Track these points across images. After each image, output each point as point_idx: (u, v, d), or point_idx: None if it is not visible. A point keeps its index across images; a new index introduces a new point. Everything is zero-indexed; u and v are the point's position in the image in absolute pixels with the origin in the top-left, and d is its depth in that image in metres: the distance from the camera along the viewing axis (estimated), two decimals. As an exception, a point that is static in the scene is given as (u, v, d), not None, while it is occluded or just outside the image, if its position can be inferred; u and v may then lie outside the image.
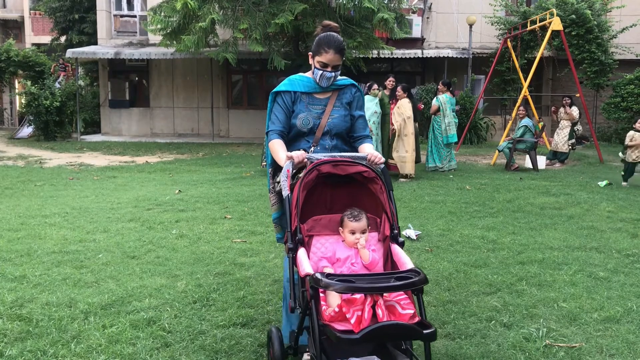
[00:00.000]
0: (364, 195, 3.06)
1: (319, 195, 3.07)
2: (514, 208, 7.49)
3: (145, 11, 19.10)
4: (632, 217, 6.96)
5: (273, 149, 3.22)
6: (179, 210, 7.38)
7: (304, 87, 3.33)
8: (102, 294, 4.22)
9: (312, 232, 2.97)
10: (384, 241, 2.97)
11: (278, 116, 3.29)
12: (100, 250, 5.42)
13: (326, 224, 2.99)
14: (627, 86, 17.07)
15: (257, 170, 11.70)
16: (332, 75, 3.26)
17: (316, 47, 3.24)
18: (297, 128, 3.28)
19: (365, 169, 2.94)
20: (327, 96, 3.34)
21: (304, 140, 3.30)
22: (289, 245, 2.79)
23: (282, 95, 3.32)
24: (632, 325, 3.70)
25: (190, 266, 4.95)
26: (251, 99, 21.50)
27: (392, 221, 2.94)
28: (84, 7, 22.48)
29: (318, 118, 3.29)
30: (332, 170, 2.91)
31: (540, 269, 4.88)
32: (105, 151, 16.14)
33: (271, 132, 3.29)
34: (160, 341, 3.44)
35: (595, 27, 17.21)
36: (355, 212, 2.88)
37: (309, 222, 2.96)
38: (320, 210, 3.06)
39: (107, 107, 21.35)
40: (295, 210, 2.83)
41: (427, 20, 20.20)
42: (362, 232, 2.85)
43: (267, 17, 15.06)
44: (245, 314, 3.87)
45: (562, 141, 12.74)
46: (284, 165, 2.95)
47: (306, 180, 2.87)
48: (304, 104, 3.31)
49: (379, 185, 2.96)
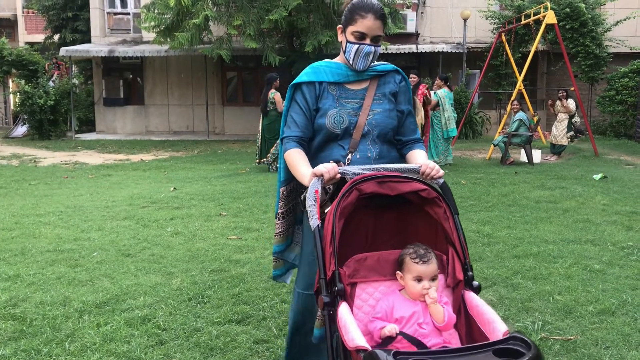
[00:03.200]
0: (420, 223, 2.29)
1: (358, 224, 2.29)
2: (509, 202, 7.49)
3: (139, 8, 19.07)
4: (627, 209, 6.97)
5: (291, 162, 2.49)
6: (173, 207, 7.36)
7: (332, 76, 2.58)
8: (96, 292, 4.20)
9: (356, 277, 2.18)
10: (455, 288, 2.20)
11: (295, 118, 2.57)
12: (95, 249, 5.40)
13: (374, 266, 2.21)
14: (621, 79, 17.10)
15: (252, 167, 11.68)
16: (372, 51, 2.52)
17: (349, 14, 2.51)
18: (327, 129, 2.52)
19: (424, 186, 2.19)
20: (363, 86, 2.60)
21: (337, 146, 2.54)
22: (325, 299, 2.01)
23: (303, 90, 2.57)
24: (627, 317, 3.70)
25: (185, 263, 4.94)
26: (246, 96, 21.47)
27: (463, 259, 2.18)
28: (77, 5, 22.40)
29: (354, 115, 2.53)
30: (378, 189, 2.16)
31: (535, 263, 4.88)
32: (100, 149, 16.09)
33: (287, 139, 2.55)
34: (155, 339, 3.43)
35: (590, 21, 17.23)
36: (422, 249, 2.13)
37: (349, 264, 2.18)
38: (359, 245, 2.28)
39: (101, 105, 21.29)
40: (332, 248, 2.04)
41: (422, 15, 20.18)
42: (431, 279, 2.10)
43: (260, 13, 15.03)
44: (241, 310, 3.86)
45: (560, 134, 12.75)
46: (310, 185, 2.21)
47: (344, 204, 2.11)
48: (334, 97, 2.56)
49: (442, 209, 2.19)
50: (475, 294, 2.12)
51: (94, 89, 21.70)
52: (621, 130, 17.37)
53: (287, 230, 2.84)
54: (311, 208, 2.16)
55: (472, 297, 2.11)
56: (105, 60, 20.53)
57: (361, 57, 2.51)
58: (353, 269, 2.17)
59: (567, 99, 12.75)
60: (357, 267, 2.18)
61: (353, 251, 2.22)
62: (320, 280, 2.04)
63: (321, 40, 14.92)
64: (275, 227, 2.83)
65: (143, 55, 19.31)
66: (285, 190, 2.74)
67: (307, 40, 15.19)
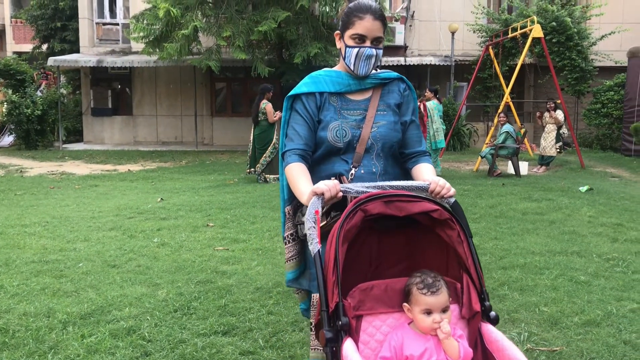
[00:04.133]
0: (431, 247, 2.09)
1: (361, 248, 2.07)
2: (496, 213, 7.53)
3: (128, 19, 19.02)
4: (613, 221, 7.02)
5: (291, 177, 2.30)
6: (160, 218, 7.33)
7: (333, 86, 2.43)
8: (81, 303, 4.16)
9: (362, 309, 1.95)
10: (471, 319, 1.99)
11: (298, 130, 2.39)
12: (81, 260, 5.35)
13: (381, 296, 1.97)
14: (607, 92, 17.30)
15: (241, 178, 11.66)
16: (374, 54, 2.36)
17: (346, 17, 2.38)
18: (329, 143, 2.37)
19: (435, 207, 1.99)
20: (366, 97, 2.45)
21: (339, 160, 2.39)
22: (328, 334, 1.79)
23: (303, 100, 2.42)
24: (612, 328, 3.72)
25: (171, 275, 4.90)
26: (235, 107, 21.48)
27: (479, 287, 2.00)
28: (65, 15, 22.36)
29: (357, 127, 2.39)
30: (385, 210, 1.96)
31: (522, 274, 4.90)
32: (88, 160, 16.00)
33: (288, 152, 2.36)
34: (139, 350, 3.40)
35: (576, 35, 17.44)
36: (430, 278, 1.91)
37: (354, 294, 1.94)
38: (362, 271, 2.08)
39: (89, 116, 21.20)
40: (334, 276, 1.83)
41: (410, 28, 20.33)
42: (442, 311, 1.89)
43: (250, 24, 15.07)
44: (227, 322, 3.83)
45: (549, 145, 12.85)
46: (309, 204, 1.99)
47: (347, 226, 1.92)
48: (335, 108, 2.42)
49: (455, 232, 1.99)
50: (493, 325, 1.96)
51: (82, 99, 21.61)
52: (607, 143, 17.54)
53: (300, 253, 2.55)
54: (311, 231, 1.93)
55: (490, 331, 1.94)
56: (94, 70, 20.47)
57: (362, 61, 2.36)
58: (358, 300, 1.94)
59: (556, 110, 12.87)
60: (363, 298, 1.95)
61: (356, 278, 2.02)
62: (322, 313, 1.84)
63: (310, 52, 14.99)
64: (286, 252, 2.56)
65: (132, 65, 19.28)
66: (292, 209, 2.52)
67: (296, 52, 15.25)
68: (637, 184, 10.59)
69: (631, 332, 3.65)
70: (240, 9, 15.63)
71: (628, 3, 19.85)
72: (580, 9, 18.02)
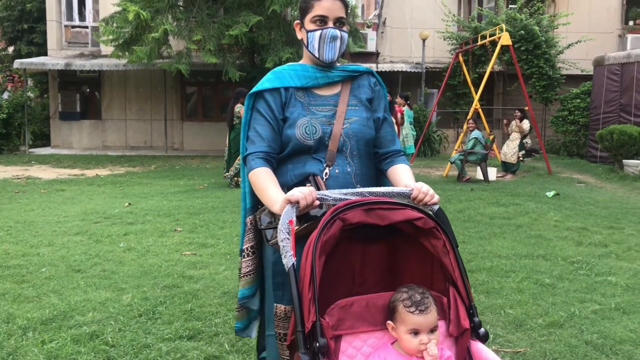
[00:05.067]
0: (414, 258, 1.96)
1: (342, 261, 1.92)
2: (464, 218, 7.60)
3: (97, 22, 18.80)
4: (578, 225, 7.15)
5: (257, 183, 2.09)
6: (127, 223, 7.22)
7: (299, 80, 2.24)
8: (43, 308, 4.07)
9: (341, 329, 1.79)
10: (460, 337, 1.85)
11: (260, 131, 2.18)
12: (44, 264, 5.24)
13: (361, 314, 1.82)
14: (573, 100, 17.65)
15: (211, 183, 11.57)
16: (338, 35, 2.19)
17: (303, 3, 2.24)
18: (298, 141, 2.16)
19: (419, 214, 1.86)
20: (335, 92, 2.27)
21: (310, 160, 2.18)
22: (304, 358, 1.63)
23: (266, 98, 2.21)
24: (575, 329, 3.78)
25: (137, 279, 4.83)
26: (206, 111, 21.34)
27: (467, 302, 1.86)
28: (33, 17, 21.96)
29: (328, 124, 2.19)
30: (366, 218, 1.81)
31: (488, 277, 4.95)
32: (55, 164, 15.71)
33: (251, 156, 2.15)
34: (102, 355, 3.33)
35: (543, 43, 17.76)
36: (417, 294, 1.75)
37: (333, 312, 1.79)
38: (344, 287, 1.92)
39: (57, 120, 20.83)
40: (311, 293, 1.67)
41: (382, 35, 20.48)
42: (431, 331, 1.74)
43: (221, 28, 15.02)
44: (192, 326, 3.78)
45: (510, 152, 13.03)
46: (283, 213, 1.82)
47: (325, 237, 1.76)
48: (302, 104, 2.22)
49: (440, 242, 1.87)
50: (482, 343, 1.83)
51: (49, 102, 21.23)
52: (574, 150, 17.87)
53: (258, 269, 2.33)
54: (284, 242, 1.76)
55: (481, 350, 1.79)
56: (62, 73, 20.13)
57: (327, 44, 2.18)
58: (337, 319, 1.78)
59: (522, 120, 13.07)
60: (342, 316, 1.79)
61: (336, 295, 1.84)
62: (297, 334, 1.66)
63: (282, 56, 14.98)
64: (242, 266, 2.32)
65: (101, 69, 19.03)
66: (254, 219, 2.28)
67: (267, 57, 15.23)
68: (602, 190, 10.82)
69: (593, 332, 3.71)
70: (212, 13, 15.57)
71: (593, 13, 20.33)
72: (547, 18, 18.37)
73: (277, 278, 2.21)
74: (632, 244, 6.18)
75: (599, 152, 15.00)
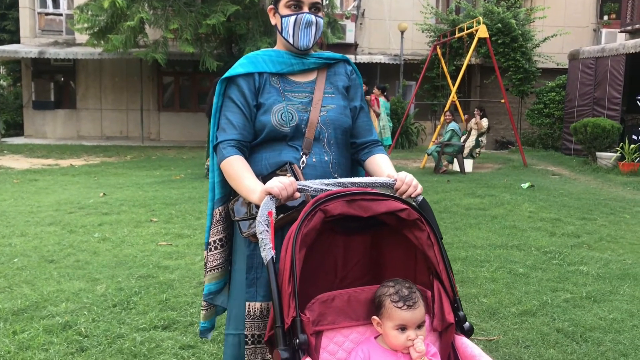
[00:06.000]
0: (398, 251, 1.91)
1: (323, 253, 1.88)
2: (440, 209, 7.66)
3: (72, 9, 18.47)
4: (551, 216, 7.25)
5: (232, 173, 2.01)
6: (102, 213, 7.14)
7: (273, 65, 2.16)
8: (14, 299, 4.01)
9: (322, 324, 1.73)
10: (444, 332, 1.81)
11: (231, 119, 2.09)
12: (16, 255, 5.16)
13: (343, 308, 1.76)
14: (549, 93, 17.84)
15: (188, 174, 11.49)
16: (314, 21, 2.13)
17: None
18: (273, 128, 2.08)
19: (403, 206, 1.80)
20: (311, 78, 2.20)
21: (286, 147, 2.10)
22: (283, 354, 1.58)
23: (239, 84, 2.12)
24: (547, 317, 3.84)
25: (111, 270, 4.78)
26: (183, 101, 21.14)
27: (452, 295, 1.83)
28: (5, 3, 21.55)
29: (304, 110, 2.12)
30: (348, 210, 1.76)
31: (463, 267, 5.00)
32: (28, 154, 15.45)
33: (222, 144, 2.07)
34: (75, 346, 3.29)
35: (520, 36, 17.91)
36: (404, 289, 1.70)
37: (313, 307, 1.73)
38: (324, 280, 1.88)
39: (30, 109, 20.45)
40: (291, 287, 1.62)
41: (360, 26, 20.46)
42: (418, 327, 1.69)
43: (198, 17, 14.87)
44: (167, 316, 3.76)
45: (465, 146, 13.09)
46: (262, 205, 1.76)
47: (306, 230, 1.70)
48: (277, 90, 2.14)
49: (424, 234, 1.82)
50: (466, 337, 1.78)
51: (22, 91, 20.85)
52: (549, 142, 18.09)
53: (226, 262, 2.25)
54: (263, 235, 1.71)
55: (465, 345, 1.74)
56: (35, 61, 19.77)
57: (302, 30, 2.11)
58: (318, 314, 1.71)
59: (482, 118, 13.06)
60: (323, 311, 1.72)
61: (317, 289, 1.78)
62: (276, 330, 1.61)
63: (260, 46, 14.86)
64: (209, 259, 2.24)
65: (76, 57, 18.72)
66: (223, 210, 2.19)
67: (245, 47, 15.12)
68: (575, 182, 10.98)
69: (564, 320, 3.78)
70: (189, 2, 15.41)
71: (569, 7, 20.55)
72: (524, 12, 18.52)
73: (251, 273, 2.12)
74: (603, 235, 6.29)
75: (573, 145, 15.20)
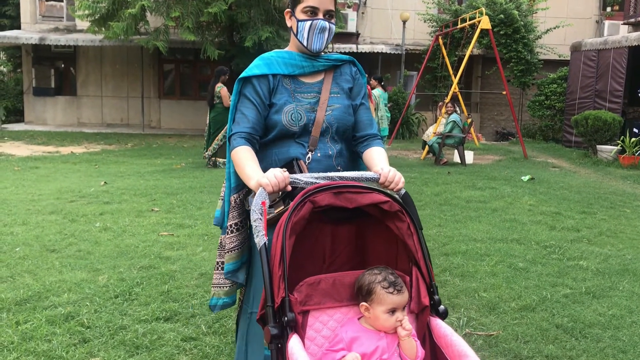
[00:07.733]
0: (380, 240, 2.08)
1: (314, 242, 2.06)
2: (441, 201, 7.67)
3: (73, -4, 18.38)
4: (552, 210, 7.26)
5: (238, 161, 2.22)
6: (103, 202, 7.15)
7: (286, 68, 2.37)
8: (17, 289, 4.03)
9: (308, 304, 1.90)
10: (420, 314, 1.97)
11: (246, 112, 2.31)
12: (18, 244, 5.18)
13: (328, 291, 1.93)
14: (550, 85, 17.81)
15: (189, 163, 11.49)
16: (327, 27, 2.33)
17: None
18: (283, 127, 2.30)
19: (385, 198, 1.96)
20: (318, 79, 2.41)
21: (294, 144, 2.33)
22: (273, 331, 1.75)
23: (254, 83, 2.33)
24: (546, 313, 3.86)
25: (113, 260, 4.80)
26: (184, 89, 21.10)
27: (429, 281, 1.98)
28: (6, -11, 21.45)
29: (312, 110, 2.34)
30: (334, 201, 1.93)
31: (463, 260, 5.02)
32: (28, 141, 15.44)
33: (234, 136, 2.29)
34: (78, 337, 3.32)
35: (522, 28, 17.85)
36: (391, 275, 1.87)
37: (301, 289, 1.89)
38: (313, 265, 2.04)
39: (31, 95, 20.42)
40: (281, 270, 1.79)
41: (362, 16, 20.37)
42: (403, 309, 1.88)
43: (200, 5, 14.79)
44: (169, 308, 3.78)
45: (430, 134, 13.10)
46: (256, 195, 1.93)
47: (295, 219, 1.87)
48: (289, 91, 2.35)
49: (405, 224, 1.97)
50: (441, 320, 1.94)
51: (23, 77, 20.78)
52: (549, 134, 18.09)
53: (244, 243, 2.45)
54: (257, 222, 1.89)
55: (439, 325, 1.91)
56: (36, 48, 19.71)
57: (316, 35, 2.31)
58: (305, 295, 1.88)
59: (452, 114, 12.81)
60: (310, 293, 1.89)
61: (307, 274, 1.94)
62: (267, 308, 1.79)
63: (261, 35, 14.84)
64: (227, 242, 2.43)
65: (76, 44, 18.68)
66: (238, 197, 2.42)
67: (247, 35, 15.07)
68: (575, 175, 10.98)
69: (563, 316, 3.80)
70: (190, -10, 15.31)
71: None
72: (527, 2, 18.45)
73: None
74: (603, 229, 6.30)
75: (574, 137, 15.19)
